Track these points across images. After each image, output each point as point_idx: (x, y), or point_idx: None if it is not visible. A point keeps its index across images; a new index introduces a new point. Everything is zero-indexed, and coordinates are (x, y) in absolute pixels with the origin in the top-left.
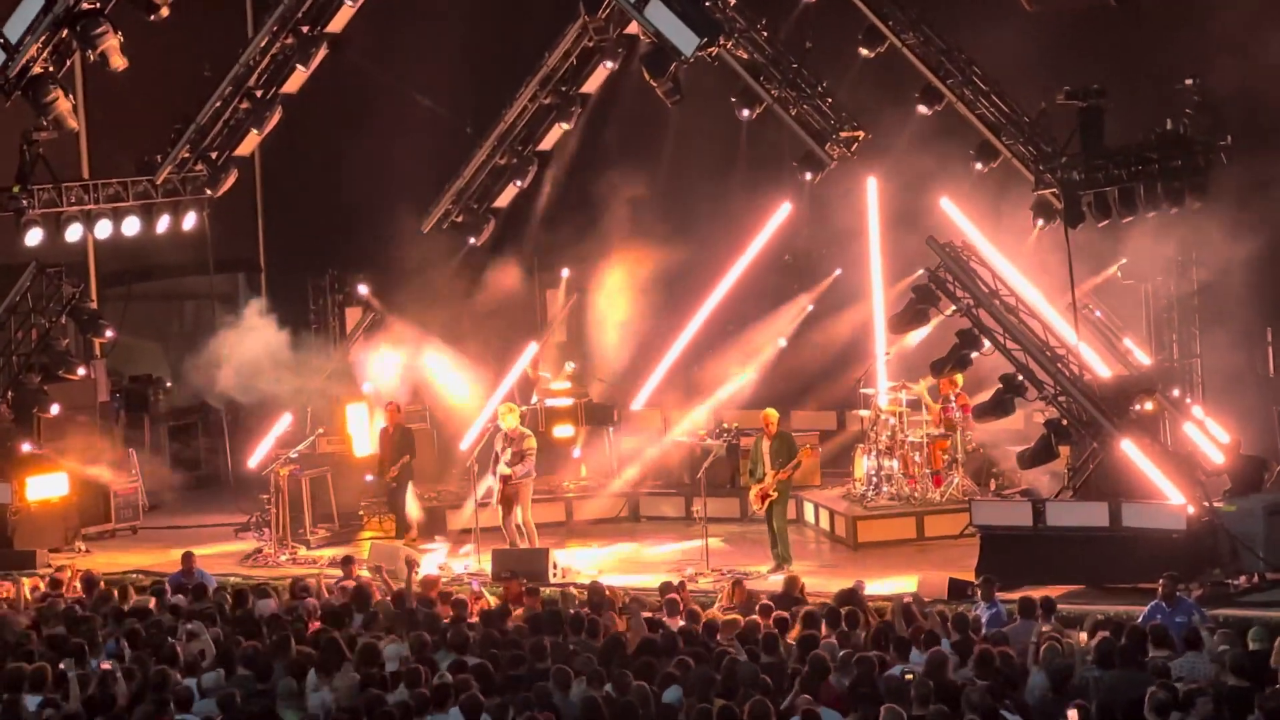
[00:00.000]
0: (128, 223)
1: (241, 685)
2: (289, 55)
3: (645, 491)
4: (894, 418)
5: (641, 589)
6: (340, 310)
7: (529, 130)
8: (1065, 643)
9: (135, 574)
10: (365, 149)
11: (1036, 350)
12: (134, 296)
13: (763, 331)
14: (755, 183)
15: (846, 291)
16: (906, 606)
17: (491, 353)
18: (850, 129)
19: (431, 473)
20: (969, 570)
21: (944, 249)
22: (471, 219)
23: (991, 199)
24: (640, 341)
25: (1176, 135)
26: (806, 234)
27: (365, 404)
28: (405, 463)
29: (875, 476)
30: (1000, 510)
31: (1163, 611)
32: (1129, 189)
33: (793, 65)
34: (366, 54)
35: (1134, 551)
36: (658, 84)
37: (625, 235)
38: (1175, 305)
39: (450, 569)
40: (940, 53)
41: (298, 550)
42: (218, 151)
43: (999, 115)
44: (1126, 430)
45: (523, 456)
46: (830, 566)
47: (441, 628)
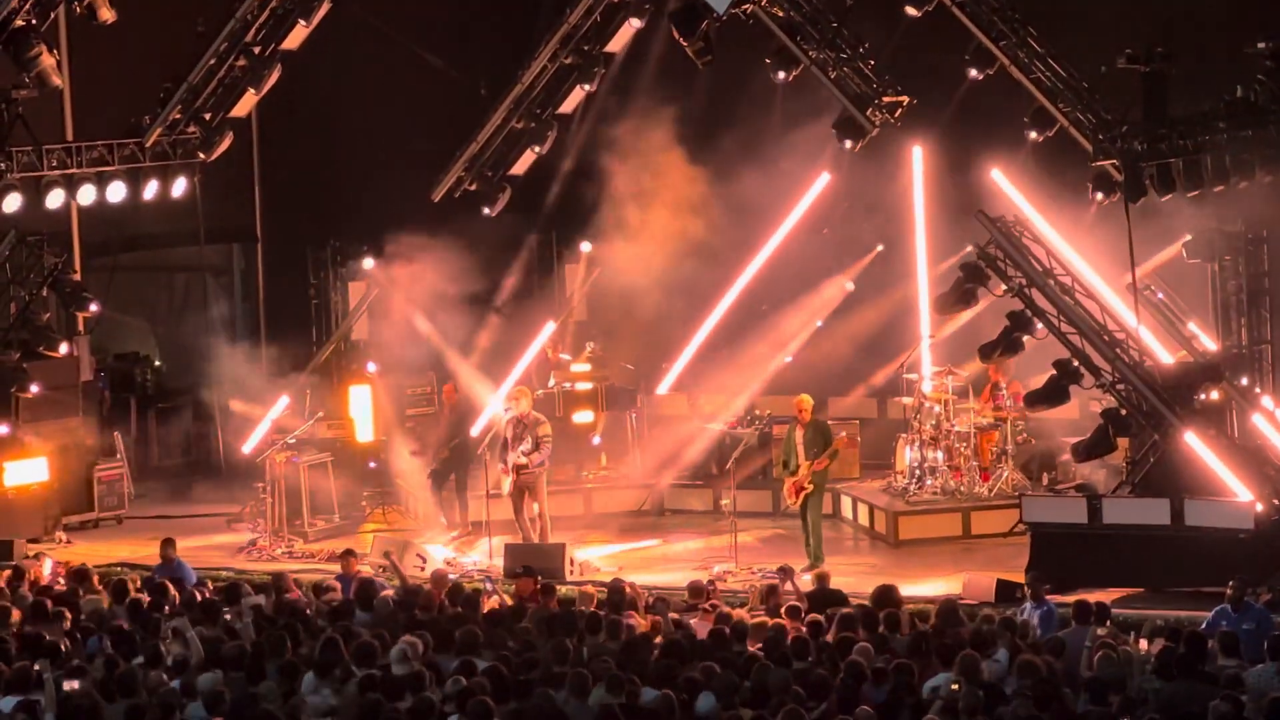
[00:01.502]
0: (113, 188)
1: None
2: (289, 9)
3: (670, 483)
4: (939, 405)
5: (665, 588)
6: (343, 284)
7: (548, 92)
8: (1121, 650)
9: (120, 566)
10: (371, 111)
11: (1094, 334)
12: (120, 268)
13: (798, 311)
14: (791, 151)
15: (889, 269)
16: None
17: (506, 332)
18: (894, 94)
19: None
20: (1018, 571)
21: (995, 224)
22: (486, 187)
23: (1047, 170)
24: (666, 321)
25: (1247, 103)
26: (846, 207)
27: (368, 385)
28: (457, 444)
29: (918, 469)
30: (1053, 506)
31: (1229, 618)
32: (1195, 161)
33: (832, 24)
34: (373, 8)
35: (1197, 552)
36: (687, 43)
37: (650, 206)
38: (1244, 287)
39: (460, 565)
40: (992, 11)
41: (294, 543)
42: (211, 113)
43: (1055, 80)
44: (1190, 421)
45: (539, 444)
46: (869, 565)
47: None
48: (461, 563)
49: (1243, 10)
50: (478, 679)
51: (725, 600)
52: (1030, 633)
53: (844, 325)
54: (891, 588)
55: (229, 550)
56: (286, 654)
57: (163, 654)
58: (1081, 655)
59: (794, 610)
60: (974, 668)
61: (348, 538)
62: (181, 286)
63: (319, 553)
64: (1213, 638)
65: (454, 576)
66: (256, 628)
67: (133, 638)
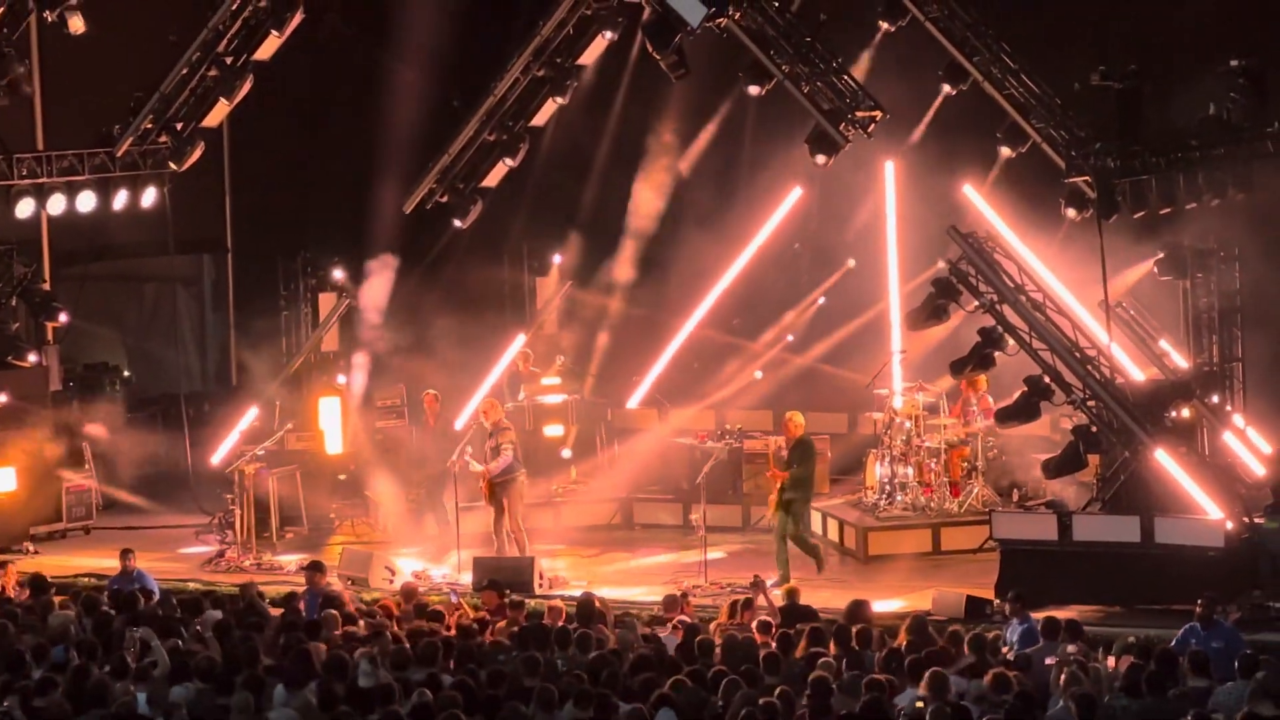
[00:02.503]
0: (83, 198)
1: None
2: (262, 19)
3: (640, 497)
4: (910, 421)
5: (635, 602)
6: (313, 295)
7: (520, 105)
8: (1091, 668)
9: (87, 577)
10: (343, 122)
11: (1065, 351)
12: (90, 278)
13: (770, 326)
14: (764, 165)
15: (861, 284)
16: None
17: (477, 344)
18: (867, 108)
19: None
20: (988, 588)
21: (966, 240)
22: (457, 199)
23: (1019, 186)
24: (638, 334)
25: (1219, 121)
26: (818, 221)
27: (338, 397)
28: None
29: (888, 484)
30: (1023, 523)
31: (1198, 635)
32: (1168, 178)
33: (806, 39)
34: (345, 19)
35: (1167, 570)
36: (661, 57)
37: (622, 220)
38: (1215, 305)
39: (429, 577)
40: (966, 27)
41: (263, 555)
42: (183, 123)
43: (1028, 96)
44: (1161, 439)
45: (498, 450)
46: (839, 581)
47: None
48: (431, 576)
49: (1216, 28)
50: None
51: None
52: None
53: (815, 340)
54: (864, 603)
55: (197, 562)
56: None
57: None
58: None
59: (764, 625)
60: (942, 685)
61: (316, 550)
62: (151, 297)
63: (287, 565)
64: (1182, 656)
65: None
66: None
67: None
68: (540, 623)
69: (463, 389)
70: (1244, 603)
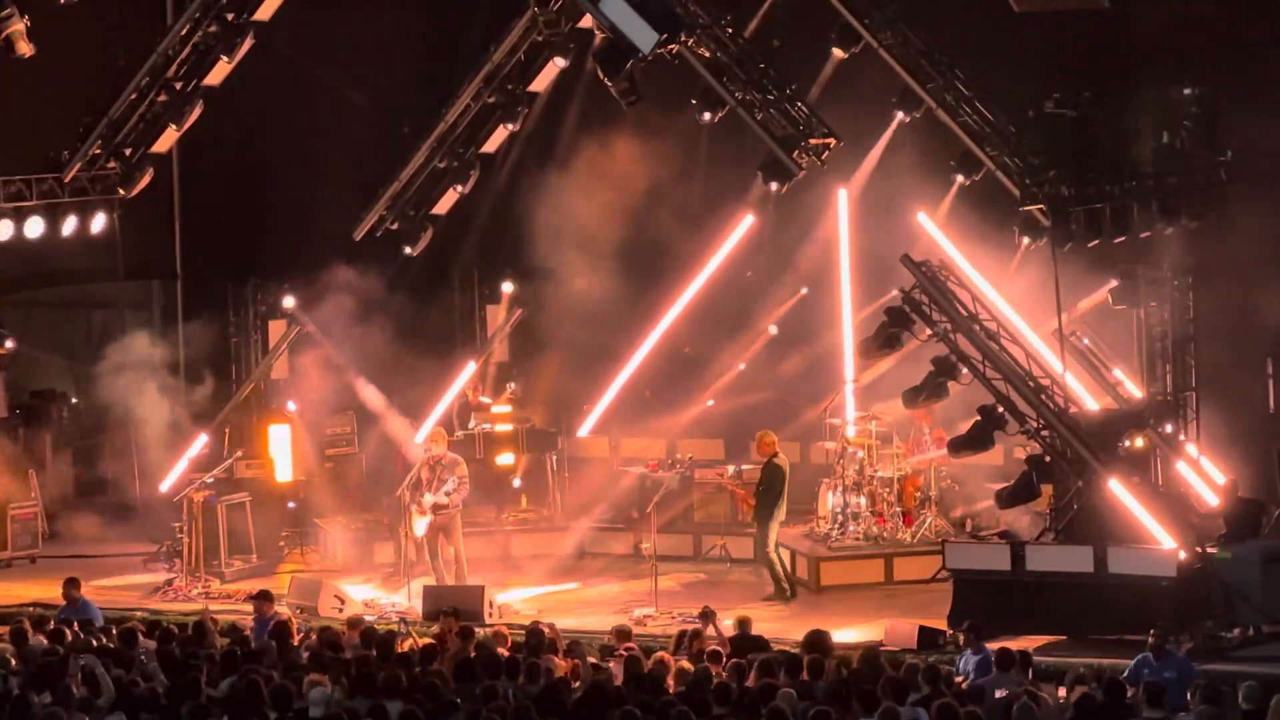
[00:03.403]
0: (31, 224)
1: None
2: (212, 44)
3: (591, 525)
4: (862, 450)
5: (585, 631)
6: (263, 322)
7: (471, 131)
8: (1042, 699)
9: (31, 607)
10: (293, 148)
11: (1019, 380)
12: (37, 304)
13: (721, 354)
14: (716, 192)
15: (813, 313)
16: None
17: (427, 372)
18: (820, 136)
19: (359, 502)
20: (941, 618)
21: (920, 268)
22: (408, 226)
23: (973, 214)
24: (588, 362)
25: (1173, 149)
26: (770, 249)
27: (288, 425)
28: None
29: (841, 514)
30: (976, 553)
31: (1150, 666)
32: (1122, 206)
33: (759, 65)
34: (296, 45)
35: (1120, 600)
36: (612, 83)
37: (573, 247)
38: (1170, 333)
39: (379, 606)
40: (919, 54)
41: (211, 583)
42: (132, 148)
43: (982, 123)
44: (1114, 468)
45: (459, 484)
46: (791, 611)
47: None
48: (380, 604)
49: (1170, 56)
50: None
51: (644, 645)
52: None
53: (767, 368)
54: (823, 633)
55: (145, 590)
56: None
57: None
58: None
59: (715, 655)
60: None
61: (265, 578)
62: (99, 323)
63: (236, 593)
64: (1134, 685)
65: (370, 618)
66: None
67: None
68: (488, 652)
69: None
70: (1196, 633)
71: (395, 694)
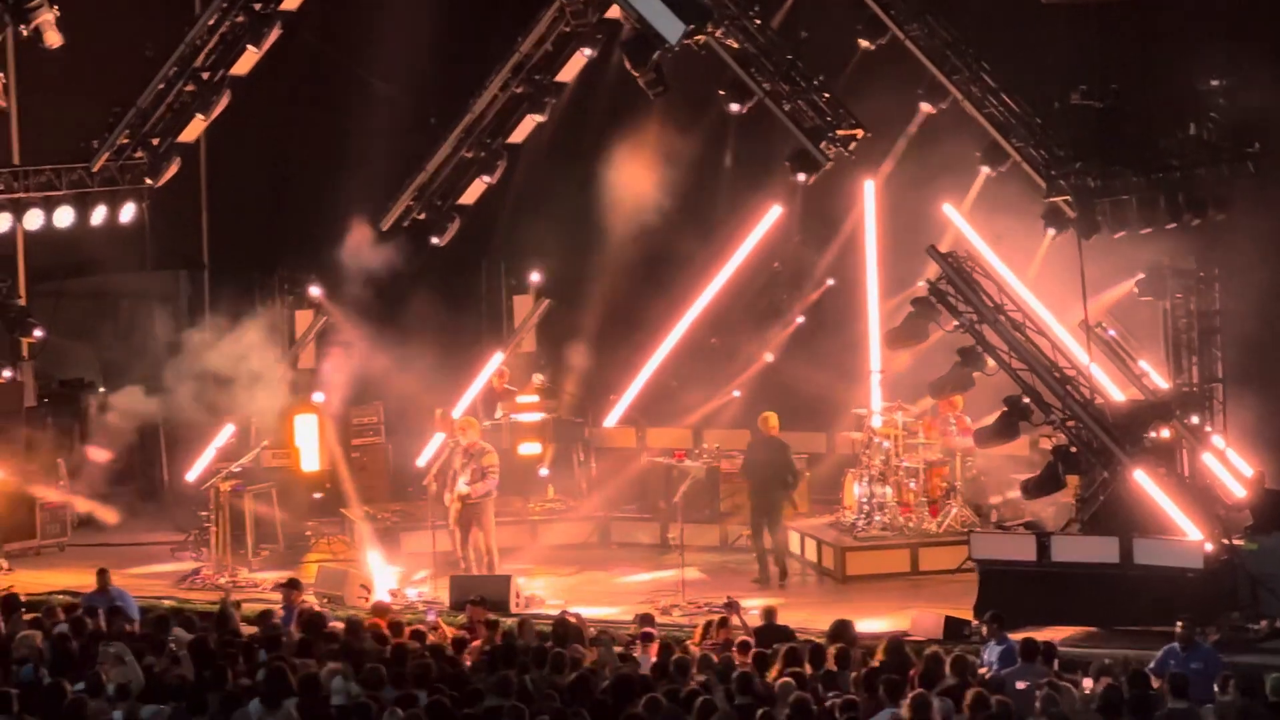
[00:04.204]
0: (60, 213)
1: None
2: (239, 35)
3: (617, 515)
4: (888, 441)
5: (611, 621)
6: (290, 313)
7: (499, 121)
8: (1065, 690)
9: (61, 594)
10: (320, 138)
11: (1044, 371)
12: (65, 294)
13: (748, 345)
14: (744, 183)
15: (840, 303)
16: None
17: (453, 362)
18: (848, 127)
19: (385, 491)
20: (966, 609)
21: (946, 259)
22: (435, 217)
23: (999, 206)
24: (615, 353)
25: (1200, 141)
26: (798, 240)
27: (315, 415)
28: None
29: (867, 504)
30: (1001, 543)
31: (1176, 657)
32: (1148, 198)
33: (787, 57)
34: (323, 35)
35: (1146, 591)
36: (639, 74)
37: (600, 238)
38: (1195, 325)
39: (404, 596)
40: (946, 46)
41: (238, 572)
42: (160, 138)
43: (1008, 115)
44: (1140, 459)
45: (484, 474)
46: (816, 601)
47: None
48: (406, 594)
49: (1196, 48)
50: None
51: (670, 634)
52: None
53: (794, 359)
54: (847, 623)
55: (172, 579)
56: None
57: (103, 681)
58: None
59: (742, 645)
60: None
61: (292, 568)
62: (127, 313)
63: (262, 582)
64: (1160, 677)
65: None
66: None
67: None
68: (513, 642)
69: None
70: (1222, 624)
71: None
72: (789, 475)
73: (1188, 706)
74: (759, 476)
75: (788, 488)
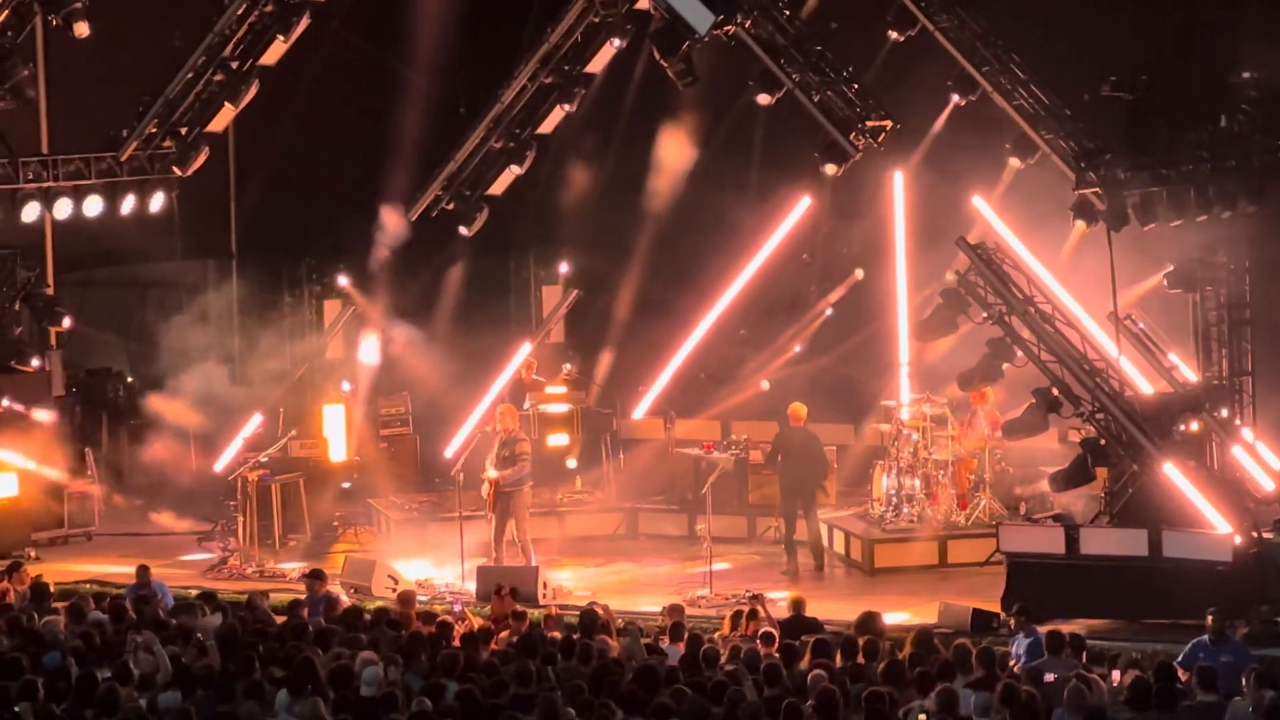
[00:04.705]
0: (89, 202)
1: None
2: (268, 24)
3: (645, 507)
4: (917, 433)
5: (639, 613)
6: (318, 302)
7: (527, 112)
8: (1093, 683)
9: (89, 583)
10: (349, 128)
11: (1074, 363)
12: (93, 283)
13: (777, 336)
14: (773, 174)
15: (869, 295)
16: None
17: (482, 352)
18: (877, 118)
19: (413, 482)
20: (994, 600)
21: (975, 251)
22: (463, 207)
23: (1028, 197)
24: (644, 344)
25: (1231, 133)
26: (827, 231)
27: (343, 405)
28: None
29: (895, 496)
30: (1030, 536)
31: (1206, 650)
32: (1178, 190)
33: (816, 48)
34: (352, 25)
35: (1175, 584)
36: (669, 64)
37: (629, 228)
38: (1225, 318)
39: (432, 586)
40: (975, 37)
41: (265, 562)
42: (188, 127)
43: (1038, 106)
44: (1169, 452)
45: (514, 460)
46: (844, 593)
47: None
48: (434, 584)
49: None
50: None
51: (698, 625)
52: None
53: (823, 350)
54: (875, 615)
55: (199, 569)
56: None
57: (131, 671)
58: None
59: (767, 636)
60: (952, 700)
61: (319, 558)
62: (155, 302)
63: (289, 572)
64: (1187, 669)
65: (424, 598)
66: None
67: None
68: (540, 633)
69: (468, 397)
70: (1251, 618)
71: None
72: (821, 465)
73: (1215, 700)
74: (792, 467)
75: (820, 477)
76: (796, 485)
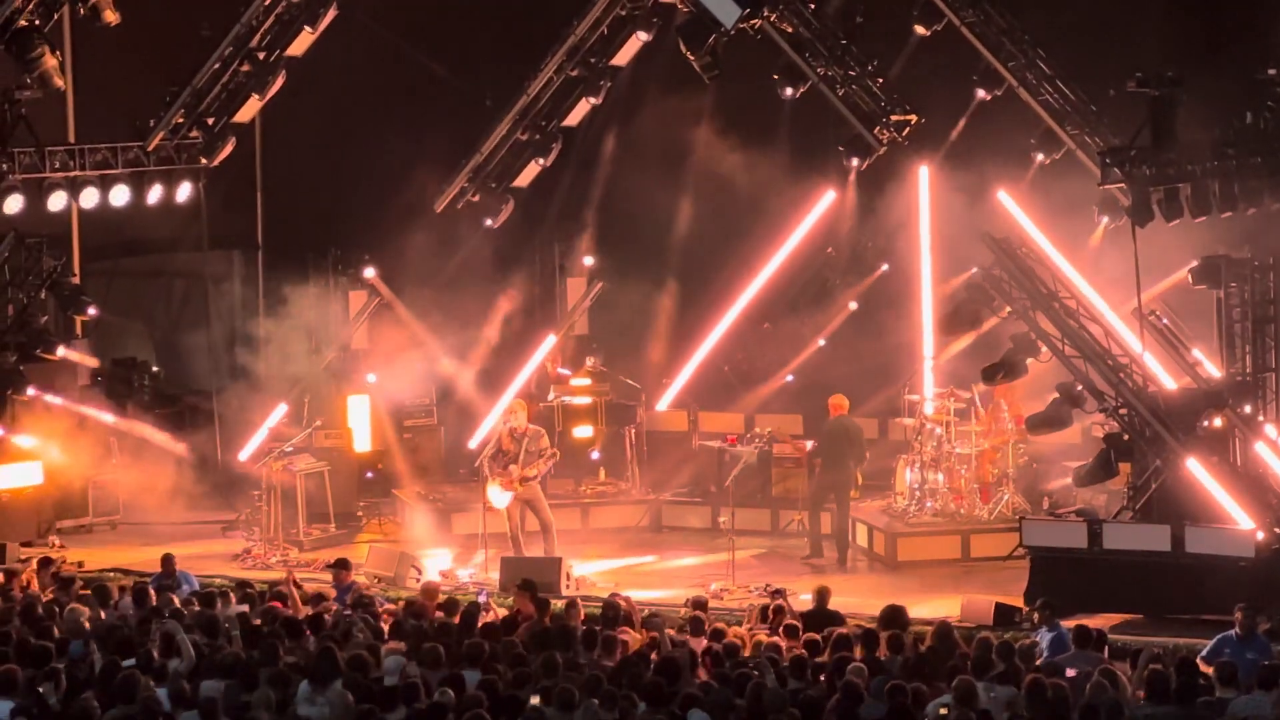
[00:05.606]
0: (116, 192)
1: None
2: (295, 15)
3: (669, 499)
4: (940, 427)
5: (662, 604)
6: (344, 294)
7: (553, 104)
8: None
9: (113, 572)
10: (375, 119)
11: (1097, 358)
12: (119, 273)
13: (801, 330)
14: (797, 168)
15: (893, 289)
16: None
17: (506, 345)
18: (902, 112)
19: (438, 472)
20: (1017, 595)
21: (1000, 246)
22: (489, 199)
23: (1053, 193)
24: (668, 337)
25: (1256, 129)
26: (851, 225)
27: (367, 396)
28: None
29: (918, 490)
30: (1053, 531)
31: (1232, 645)
32: (1203, 186)
33: (841, 41)
34: (379, 16)
35: (1197, 580)
36: (694, 57)
37: (654, 222)
38: (1249, 314)
39: (455, 577)
40: (1001, 32)
41: (289, 552)
42: (215, 117)
43: (1063, 102)
44: (1193, 448)
45: (540, 454)
46: (867, 586)
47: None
48: (457, 575)
49: (1254, 35)
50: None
51: (722, 618)
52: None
53: (847, 344)
54: (900, 609)
55: (223, 558)
56: (278, 662)
57: (153, 659)
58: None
59: (791, 629)
60: (970, 694)
61: (343, 547)
62: (180, 292)
63: (314, 562)
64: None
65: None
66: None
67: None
68: (562, 624)
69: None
70: (1274, 614)
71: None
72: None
73: (1235, 695)
74: (834, 457)
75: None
76: (834, 476)
